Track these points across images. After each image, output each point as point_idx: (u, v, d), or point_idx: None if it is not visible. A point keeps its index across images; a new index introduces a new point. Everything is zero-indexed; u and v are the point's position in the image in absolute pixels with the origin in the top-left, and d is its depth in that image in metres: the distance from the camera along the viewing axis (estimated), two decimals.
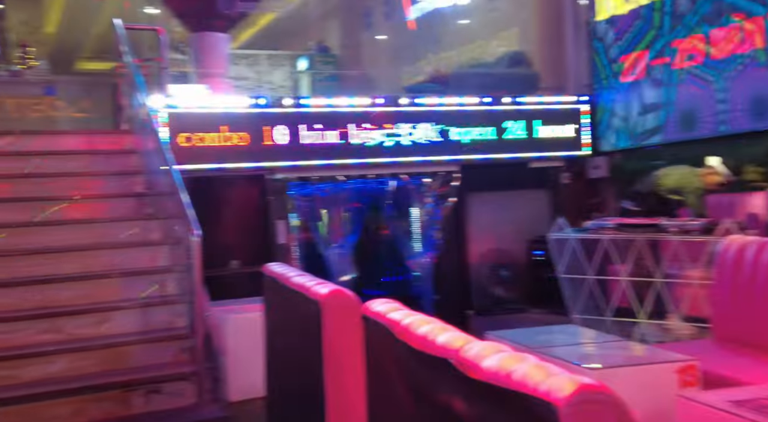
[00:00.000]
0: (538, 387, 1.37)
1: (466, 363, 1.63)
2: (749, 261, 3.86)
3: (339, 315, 2.49)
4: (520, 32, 9.06)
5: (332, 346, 2.49)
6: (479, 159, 7.29)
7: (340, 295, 2.51)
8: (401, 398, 1.98)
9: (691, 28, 6.70)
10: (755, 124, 6.13)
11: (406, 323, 1.98)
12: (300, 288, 2.76)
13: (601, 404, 1.30)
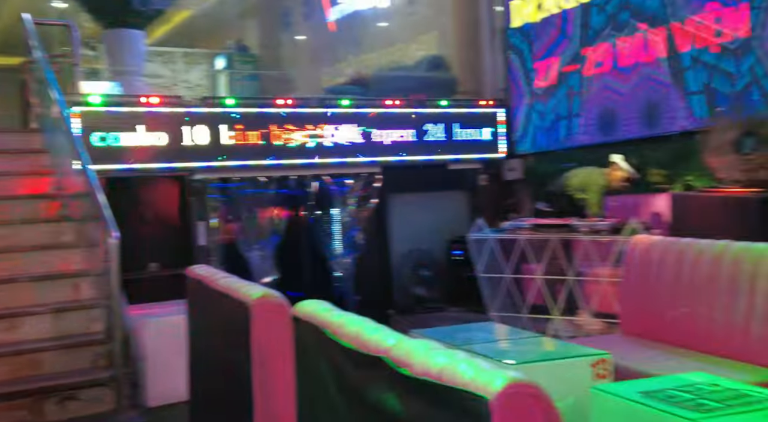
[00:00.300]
0: (470, 382, 1.44)
1: (399, 360, 1.68)
2: (655, 259, 4.09)
3: (268, 318, 2.50)
4: (438, 36, 9.24)
5: (261, 348, 2.50)
6: (400, 161, 7.39)
7: (269, 297, 2.52)
8: (333, 398, 2.02)
9: (600, 36, 7.01)
10: (655, 130, 6.48)
11: (338, 322, 2.02)
12: (227, 290, 2.75)
13: (530, 398, 1.38)
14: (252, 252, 6.69)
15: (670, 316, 3.93)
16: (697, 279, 3.80)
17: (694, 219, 5.09)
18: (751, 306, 3.51)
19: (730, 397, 2.43)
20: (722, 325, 3.64)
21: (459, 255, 7.43)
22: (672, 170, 6.33)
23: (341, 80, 10.96)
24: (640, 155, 6.57)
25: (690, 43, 6.18)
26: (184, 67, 14.48)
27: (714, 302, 3.70)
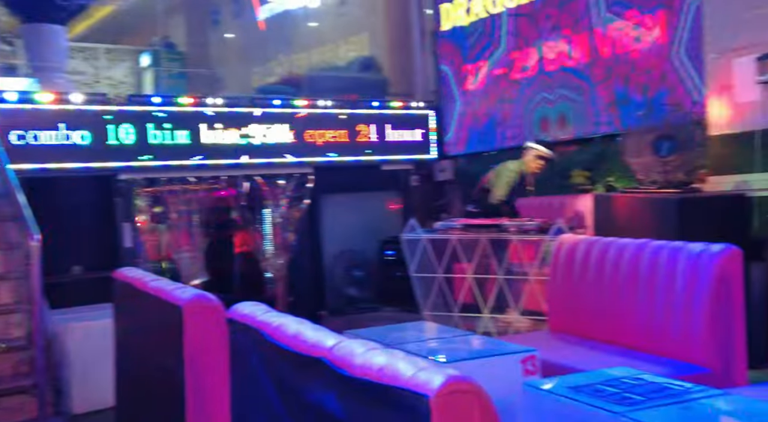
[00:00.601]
0: (409, 381, 1.46)
1: (339, 361, 1.69)
2: (579, 258, 4.22)
3: (201, 320, 2.47)
4: (369, 38, 9.28)
5: (194, 351, 2.46)
6: (332, 161, 7.39)
7: (202, 300, 2.49)
8: (270, 400, 2.01)
9: (527, 41, 7.19)
10: (579, 133, 6.70)
11: (277, 324, 2.01)
12: (159, 293, 2.70)
13: (468, 395, 1.41)
14: (180, 254, 6.56)
15: (595, 313, 4.07)
16: (619, 277, 3.95)
17: (616, 219, 5.28)
18: (670, 303, 3.67)
19: (653, 390, 2.53)
20: (643, 321, 3.79)
21: (391, 255, 7.48)
22: (594, 172, 6.55)
23: (272, 79, 10.87)
24: (565, 157, 6.77)
25: (611, 48, 6.41)
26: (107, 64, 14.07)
27: (635, 299, 3.85)
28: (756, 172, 5.13)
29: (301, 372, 1.83)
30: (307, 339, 1.83)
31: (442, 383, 1.39)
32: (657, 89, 5.97)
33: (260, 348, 2.05)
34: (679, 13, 5.79)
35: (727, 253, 3.50)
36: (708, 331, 3.50)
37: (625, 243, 4.04)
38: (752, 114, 5.19)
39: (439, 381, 1.39)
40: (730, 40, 5.32)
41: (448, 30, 8.17)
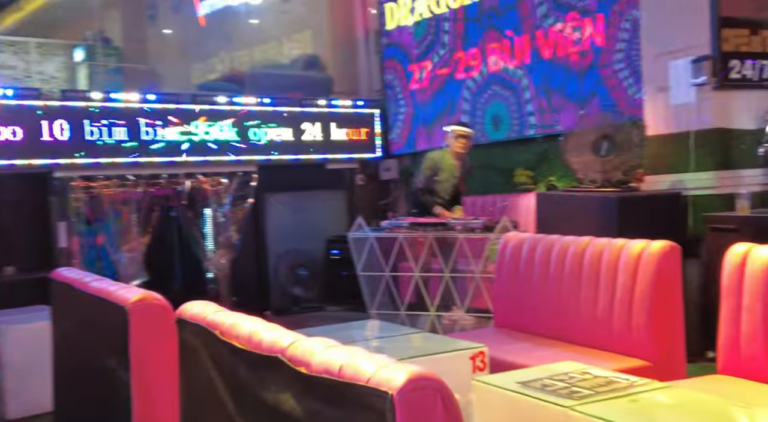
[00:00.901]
0: (371, 378, 1.45)
1: (296, 359, 1.66)
2: (524, 255, 4.29)
3: (148, 321, 2.40)
4: (313, 36, 9.21)
5: (141, 353, 2.39)
6: (277, 160, 7.31)
7: (149, 300, 2.42)
8: (222, 401, 1.96)
9: (471, 42, 7.26)
10: (522, 133, 6.81)
11: (230, 323, 1.97)
12: (102, 293, 2.61)
13: (432, 391, 1.40)
14: (119, 254, 6.38)
15: (540, 309, 4.14)
16: (564, 274, 4.03)
17: (558, 217, 5.38)
18: (612, 299, 3.76)
19: (600, 384, 2.58)
20: (587, 317, 3.87)
21: (336, 254, 7.45)
22: (537, 171, 6.66)
23: (213, 76, 10.68)
24: (508, 157, 6.87)
25: (552, 50, 6.53)
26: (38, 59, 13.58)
27: (579, 295, 3.93)
28: (691, 171, 5.31)
29: (256, 371, 1.80)
30: (263, 338, 1.80)
31: (406, 380, 1.38)
32: (597, 91, 6.11)
33: (212, 347, 2.00)
34: (617, 16, 5.94)
35: (667, 250, 3.61)
36: (649, 326, 3.60)
37: (568, 240, 4.11)
38: (687, 115, 5.37)
39: (403, 378, 1.38)
40: (667, 43, 5.48)
41: (392, 29, 8.19)
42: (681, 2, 5.36)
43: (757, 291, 3.09)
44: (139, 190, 6.51)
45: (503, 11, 6.93)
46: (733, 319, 3.21)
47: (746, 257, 3.18)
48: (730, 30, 5.18)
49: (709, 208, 5.22)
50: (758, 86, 5.28)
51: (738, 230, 4.85)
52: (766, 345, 3.04)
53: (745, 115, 5.29)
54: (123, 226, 6.43)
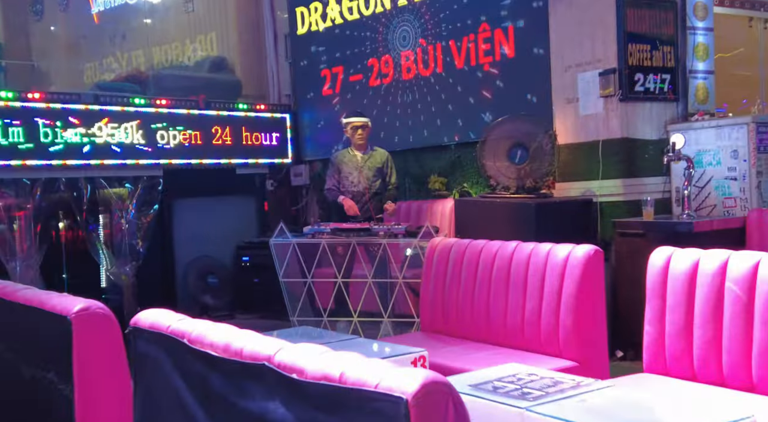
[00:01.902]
0: (380, 383, 1.41)
1: (286, 366, 1.60)
2: (452, 260, 4.35)
3: (93, 331, 2.25)
4: (218, 37, 8.99)
5: (84, 365, 2.23)
6: (185, 164, 7.06)
7: (93, 309, 2.27)
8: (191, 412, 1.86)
9: (385, 48, 7.32)
10: (435, 140, 6.92)
11: (200, 331, 1.87)
12: (35, 303, 2.42)
13: (444, 395, 1.39)
14: (14, 263, 5.95)
15: (468, 313, 4.21)
16: (491, 278, 4.11)
17: (478, 222, 5.50)
18: (540, 302, 3.88)
19: (548, 385, 2.65)
20: (515, 319, 3.97)
21: (247, 261, 7.29)
22: (450, 178, 6.79)
23: (108, 76, 10.19)
24: (422, 164, 6.97)
25: (464, 60, 6.68)
26: None
27: (506, 298, 4.03)
28: (599, 179, 5.57)
29: (236, 380, 1.72)
30: (244, 346, 1.72)
31: (420, 384, 1.36)
32: (509, 100, 6.29)
33: (178, 356, 1.89)
34: (528, 28, 6.15)
35: (592, 254, 3.76)
36: (575, 327, 3.73)
37: (495, 245, 4.21)
38: (596, 125, 5.64)
39: (417, 383, 1.36)
40: (575, 56, 5.74)
41: (304, 34, 8.12)
42: (589, 18, 5.62)
43: (680, 293, 3.27)
44: (37, 195, 6.11)
45: (416, 21, 7.03)
46: (657, 320, 3.38)
47: (669, 260, 3.36)
48: (634, 45, 5.49)
49: (616, 214, 5.50)
50: (660, 99, 5.63)
51: (644, 235, 5.14)
52: (689, 345, 3.21)
53: (648, 126, 5.61)
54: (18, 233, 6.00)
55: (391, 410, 1.36)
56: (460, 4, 6.65)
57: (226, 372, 1.73)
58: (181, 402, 1.88)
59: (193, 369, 1.84)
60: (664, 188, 5.56)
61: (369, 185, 5.73)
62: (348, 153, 5.94)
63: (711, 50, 5.82)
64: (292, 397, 1.57)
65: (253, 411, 1.66)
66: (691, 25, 5.71)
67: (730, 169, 5.29)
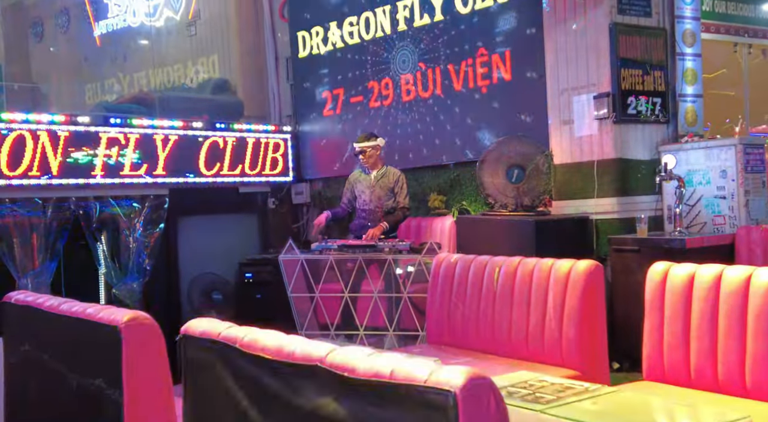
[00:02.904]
0: (428, 379, 1.60)
1: (338, 366, 1.78)
2: (458, 275, 4.54)
3: (141, 340, 2.42)
4: (220, 60, 9.20)
5: (133, 372, 2.40)
6: (189, 183, 7.23)
7: (140, 319, 2.44)
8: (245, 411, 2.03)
9: (385, 71, 7.55)
10: (434, 160, 7.14)
11: (251, 337, 2.05)
12: (83, 315, 2.58)
13: (486, 389, 1.58)
14: (25, 280, 6.08)
15: (473, 326, 4.39)
16: (496, 292, 4.31)
17: (478, 239, 5.70)
18: (543, 314, 4.07)
19: (559, 390, 2.84)
20: (520, 332, 4.16)
21: (250, 277, 7.44)
22: (449, 196, 7.00)
23: (110, 97, 10.36)
24: (421, 182, 7.17)
25: (462, 83, 6.92)
26: None
27: (512, 311, 4.22)
28: (594, 197, 5.80)
29: (290, 380, 1.89)
30: (295, 349, 1.90)
31: (466, 379, 1.54)
32: (506, 121, 6.52)
33: (231, 361, 2.07)
34: (524, 53, 6.39)
35: (593, 269, 3.97)
36: (578, 338, 3.93)
37: (499, 260, 4.41)
38: (590, 146, 5.88)
39: (462, 378, 1.55)
40: (571, 80, 5.99)
41: (305, 57, 8.34)
42: (584, 44, 5.88)
43: (678, 305, 3.48)
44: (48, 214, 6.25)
45: (415, 45, 7.27)
46: (656, 331, 3.59)
47: (666, 275, 3.57)
48: (626, 70, 5.75)
49: (610, 231, 5.73)
50: (651, 121, 5.88)
51: (639, 251, 5.37)
52: (686, 354, 3.42)
53: (641, 147, 5.86)
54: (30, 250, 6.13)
55: (440, 402, 1.54)
56: (458, 30, 6.90)
57: (279, 373, 1.91)
58: (233, 403, 2.05)
59: (245, 372, 2.01)
60: (656, 206, 5.79)
61: (380, 205, 5.92)
62: (362, 173, 6.13)
63: (699, 75, 6.09)
64: (344, 393, 1.74)
65: (306, 407, 1.83)
66: (680, 51, 5.99)
67: (719, 188, 5.53)
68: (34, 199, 6.25)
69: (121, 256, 6.77)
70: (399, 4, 7.38)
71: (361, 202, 5.99)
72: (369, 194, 5.98)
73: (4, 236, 6.06)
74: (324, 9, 8.11)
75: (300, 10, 8.42)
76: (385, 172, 6.11)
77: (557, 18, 6.03)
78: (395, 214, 6.00)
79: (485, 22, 6.67)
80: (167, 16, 9.43)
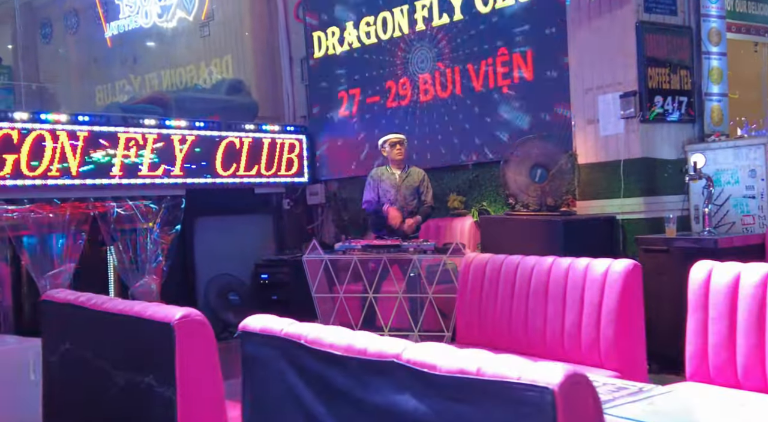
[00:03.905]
0: (521, 376, 1.54)
1: (418, 362, 1.72)
2: (489, 275, 4.48)
3: (194, 337, 2.36)
4: (234, 60, 9.15)
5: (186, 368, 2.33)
6: (206, 184, 7.18)
7: (192, 316, 2.38)
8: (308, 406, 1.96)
9: (402, 72, 7.50)
10: (453, 160, 7.08)
11: (316, 334, 1.99)
12: (133, 313, 2.52)
13: (583, 386, 1.51)
14: (44, 280, 6.01)
15: (505, 326, 4.33)
16: (530, 292, 4.24)
17: (503, 239, 5.64)
18: (580, 314, 4.01)
19: (613, 390, 2.78)
20: (554, 332, 4.09)
21: (266, 278, 7.38)
22: (468, 196, 6.94)
23: (122, 98, 10.31)
24: (440, 182, 7.11)
25: (483, 82, 6.87)
26: None
27: (546, 311, 4.15)
28: (620, 197, 5.74)
29: (359, 376, 1.83)
30: (367, 345, 1.84)
31: (564, 376, 1.48)
32: (527, 121, 6.47)
33: (294, 356, 2.00)
34: (546, 52, 6.34)
35: (631, 268, 3.90)
36: (616, 338, 3.86)
37: (531, 260, 4.34)
38: (616, 145, 5.82)
39: (561, 375, 1.49)
40: (595, 79, 5.94)
41: (320, 57, 8.29)
42: (608, 43, 5.82)
43: (723, 304, 3.41)
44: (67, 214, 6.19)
45: (434, 44, 7.22)
46: (700, 331, 3.51)
47: (710, 274, 3.51)
48: (653, 69, 5.69)
49: (636, 231, 5.66)
50: (677, 120, 5.82)
51: (668, 251, 5.30)
52: (732, 354, 3.35)
53: (667, 146, 5.80)
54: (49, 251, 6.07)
55: (536, 400, 1.48)
56: (478, 30, 6.85)
57: (349, 369, 1.85)
58: (296, 398, 1.99)
59: (311, 368, 1.95)
60: (682, 206, 5.73)
61: (406, 204, 5.86)
62: (386, 171, 6.02)
63: (725, 74, 6.04)
64: (424, 390, 1.68)
65: (380, 404, 1.77)
66: (706, 50, 5.93)
67: (748, 188, 5.48)
68: (53, 200, 6.19)
69: (138, 257, 6.71)
70: (417, 3, 7.33)
71: (385, 200, 5.92)
72: (395, 193, 5.92)
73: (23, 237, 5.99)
74: (340, 9, 8.06)
75: (315, 11, 8.37)
76: (410, 171, 6.05)
77: (581, 17, 5.98)
78: (424, 209, 5.97)
79: (506, 22, 6.62)
80: (180, 17, 9.38)
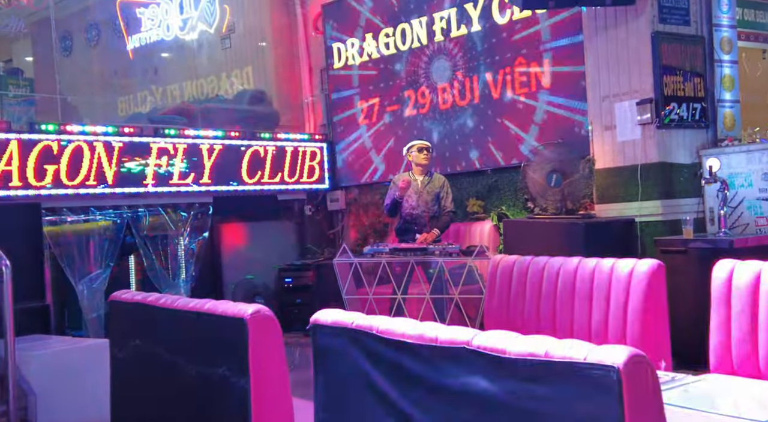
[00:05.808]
0: (588, 356, 1.74)
1: (488, 348, 1.92)
2: (516, 276, 4.67)
3: (263, 331, 2.56)
4: (255, 71, 9.37)
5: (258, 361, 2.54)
6: (231, 191, 7.40)
7: (263, 312, 2.59)
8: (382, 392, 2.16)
9: (421, 80, 7.72)
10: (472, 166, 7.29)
11: (386, 325, 2.19)
12: (205, 310, 2.73)
13: (644, 365, 1.71)
14: (82, 286, 6.23)
15: (534, 325, 4.52)
16: (557, 292, 4.43)
17: (526, 241, 5.83)
18: (606, 314, 4.20)
19: None
20: (582, 331, 4.28)
21: (290, 283, 7.59)
22: (487, 201, 7.15)
23: (144, 109, 10.54)
24: (460, 188, 7.32)
25: (500, 91, 7.08)
26: None
27: (573, 311, 4.35)
28: (638, 200, 5.94)
29: (432, 362, 2.02)
30: (438, 334, 2.04)
31: (628, 356, 1.68)
32: (546, 128, 6.68)
33: (367, 346, 2.20)
34: (563, 61, 6.56)
35: (655, 268, 4.09)
36: (643, 336, 4.05)
37: (557, 261, 4.53)
38: (633, 150, 6.02)
39: (625, 355, 1.68)
40: (612, 87, 6.14)
41: (340, 67, 8.52)
42: (625, 52, 6.04)
43: (745, 300, 3.61)
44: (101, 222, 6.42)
45: (452, 54, 7.44)
46: (723, 325, 3.71)
47: (732, 272, 3.70)
48: (668, 76, 5.90)
49: (654, 233, 5.86)
50: (692, 126, 6.02)
51: (686, 251, 5.49)
52: (755, 347, 3.54)
53: (682, 151, 6.00)
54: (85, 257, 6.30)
55: (602, 378, 1.68)
56: (497, 40, 7.07)
57: (421, 356, 2.05)
58: (370, 385, 2.18)
59: (385, 355, 2.15)
60: (698, 208, 5.93)
61: (427, 209, 6.05)
62: (409, 176, 6.22)
63: (736, 81, 6.24)
64: (495, 372, 1.88)
65: (453, 386, 1.97)
66: (718, 58, 6.14)
67: (761, 190, 5.67)
68: (90, 208, 6.42)
69: (170, 263, 6.93)
70: (436, 15, 7.56)
71: (407, 206, 6.11)
72: (416, 199, 6.11)
73: (63, 243, 6.22)
74: (359, 21, 8.29)
75: (334, 22, 8.61)
76: (432, 178, 6.24)
77: (597, 27, 6.20)
78: (442, 219, 6.12)
79: (523, 32, 6.84)
80: (201, 30, 9.62)
